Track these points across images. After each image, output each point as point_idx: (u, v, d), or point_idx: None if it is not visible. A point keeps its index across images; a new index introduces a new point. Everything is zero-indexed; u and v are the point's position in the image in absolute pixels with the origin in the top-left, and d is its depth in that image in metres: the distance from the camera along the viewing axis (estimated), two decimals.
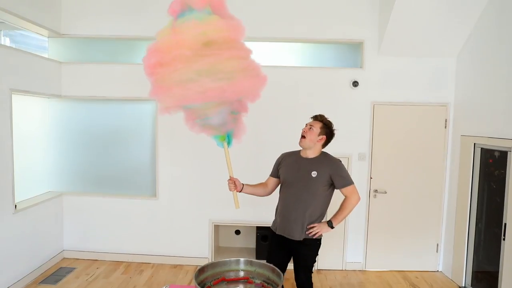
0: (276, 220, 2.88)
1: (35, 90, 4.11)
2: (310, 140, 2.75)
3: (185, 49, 2.05)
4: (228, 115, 2.31)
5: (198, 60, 2.06)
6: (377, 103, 4.44)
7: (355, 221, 4.55)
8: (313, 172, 2.71)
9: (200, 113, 2.26)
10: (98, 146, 4.73)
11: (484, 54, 3.89)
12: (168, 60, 2.09)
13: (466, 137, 4.11)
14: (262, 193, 2.97)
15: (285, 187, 2.84)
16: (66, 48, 4.74)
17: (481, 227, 3.99)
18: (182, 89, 2.09)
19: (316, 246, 2.82)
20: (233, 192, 2.67)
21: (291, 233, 2.76)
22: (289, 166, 2.84)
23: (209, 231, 4.62)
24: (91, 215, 4.69)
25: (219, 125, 2.33)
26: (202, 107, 2.20)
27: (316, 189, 2.72)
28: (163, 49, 2.13)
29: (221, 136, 2.43)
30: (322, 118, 2.82)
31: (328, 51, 4.67)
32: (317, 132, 2.75)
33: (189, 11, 2.13)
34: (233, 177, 2.70)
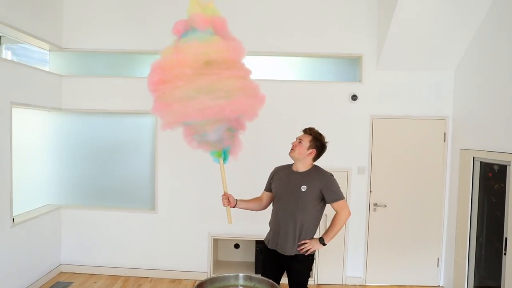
0: (269, 234, 2.87)
1: (35, 103, 4.13)
2: (299, 153, 2.73)
3: (186, 68, 2.11)
4: (225, 132, 2.35)
5: (198, 78, 2.12)
6: (376, 117, 4.45)
7: (355, 235, 4.52)
8: (302, 186, 2.69)
9: (198, 129, 2.30)
10: (98, 159, 4.73)
11: (482, 68, 3.92)
12: (170, 78, 2.15)
13: (465, 151, 4.12)
14: (256, 208, 2.96)
15: (276, 201, 2.82)
16: (67, 61, 4.78)
17: (482, 242, 3.96)
18: (182, 106, 2.14)
19: (309, 261, 2.78)
20: (227, 208, 2.69)
21: (283, 248, 2.73)
22: (281, 180, 2.84)
23: (208, 245, 4.58)
24: (89, 228, 4.66)
25: (216, 141, 2.36)
26: (200, 123, 2.24)
27: (306, 203, 2.69)
28: (165, 67, 2.19)
29: (217, 152, 2.47)
30: (312, 131, 2.79)
31: (327, 65, 4.71)
32: (306, 145, 2.73)
33: (192, 31, 2.20)
34: (227, 192, 2.71)
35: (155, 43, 4.44)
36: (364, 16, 4.44)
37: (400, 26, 3.93)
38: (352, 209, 4.46)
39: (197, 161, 4.50)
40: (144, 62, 4.74)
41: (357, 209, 4.50)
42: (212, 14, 2.24)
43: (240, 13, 4.35)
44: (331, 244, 4.45)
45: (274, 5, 4.44)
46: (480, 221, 3.98)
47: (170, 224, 4.60)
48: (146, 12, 4.53)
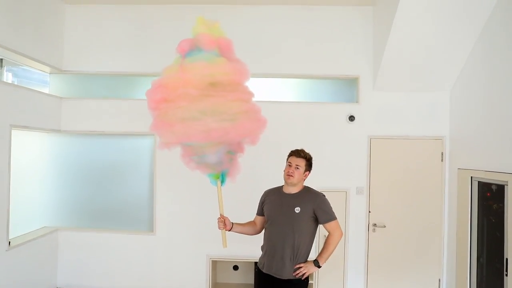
0: (263, 258, 2.82)
1: (35, 126, 4.14)
2: (298, 180, 2.72)
3: (191, 88, 2.11)
4: (224, 155, 2.35)
5: (202, 99, 2.12)
6: (374, 137, 4.48)
7: (355, 256, 4.48)
8: (296, 208, 2.67)
9: (197, 151, 2.29)
10: (96, 181, 4.72)
11: (476, 88, 3.97)
12: (173, 97, 2.15)
13: (463, 171, 4.13)
14: (251, 232, 2.93)
15: (269, 225, 2.78)
16: (67, 83, 4.83)
17: (483, 262, 3.93)
18: (185, 127, 2.13)
19: (304, 285, 2.74)
20: (222, 231, 2.68)
21: (278, 272, 2.68)
22: (273, 203, 2.80)
23: (207, 267, 4.53)
24: (87, 250, 4.61)
25: (215, 164, 2.36)
26: (200, 145, 2.23)
27: (301, 225, 2.67)
28: (169, 85, 2.18)
29: (215, 174, 2.46)
30: (305, 154, 2.77)
31: (324, 86, 4.77)
32: (303, 170, 2.73)
33: (198, 51, 2.21)
34: (224, 215, 2.70)
35: (153, 66, 4.52)
36: (360, 38, 4.52)
37: (395, 47, 4.00)
38: (351, 230, 4.47)
39: (195, 182, 4.48)
40: (142, 84, 4.79)
41: (356, 230, 4.47)
42: (219, 35, 2.25)
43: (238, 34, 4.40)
44: (331, 264, 4.42)
45: (272, 28, 4.53)
46: (480, 241, 3.96)
47: (168, 246, 4.55)
48: (145, 36, 4.61)
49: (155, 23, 4.61)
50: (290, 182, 2.73)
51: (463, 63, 4.15)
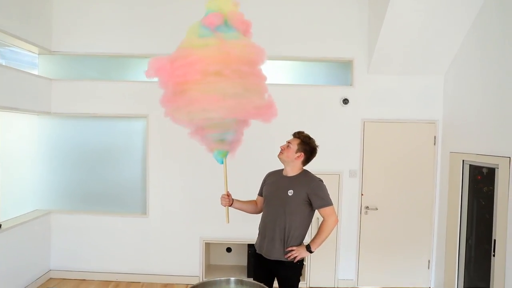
0: (257, 239, 2.87)
1: (24, 108, 4.07)
2: (286, 156, 2.69)
3: (241, 64, 2.10)
4: (241, 133, 2.40)
5: (248, 77, 2.14)
6: (367, 120, 4.49)
7: (347, 238, 4.54)
8: (289, 190, 2.65)
9: (222, 128, 2.27)
10: (88, 164, 4.69)
11: (470, 72, 3.98)
12: (228, 72, 2.08)
13: (454, 154, 4.17)
14: (251, 210, 2.95)
15: (265, 206, 2.81)
16: (56, 65, 4.73)
17: (472, 244, 4.01)
18: (239, 103, 2.12)
19: (297, 267, 2.73)
20: (226, 208, 2.69)
21: (268, 253, 2.70)
22: (270, 184, 2.83)
23: (200, 249, 4.56)
24: (80, 233, 4.61)
25: (233, 141, 2.38)
26: (229, 122, 2.24)
27: (293, 208, 2.65)
28: (218, 59, 2.09)
29: (224, 152, 2.44)
30: (300, 134, 2.75)
31: (318, 69, 4.74)
32: (294, 149, 2.69)
33: (226, 27, 2.19)
34: (229, 193, 2.71)
35: (146, 47, 4.45)
36: (355, 21, 4.47)
37: (390, 31, 3.97)
38: (344, 212, 4.52)
39: (189, 165, 4.49)
40: (135, 65, 4.73)
41: (349, 212, 4.52)
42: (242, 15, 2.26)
43: None
44: (323, 247, 4.46)
45: (265, 10, 4.46)
46: (469, 223, 4.03)
47: (161, 228, 4.57)
48: (137, 15, 4.51)
49: (148, 1, 4.50)
50: (279, 158, 2.75)
51: (457, 47, 4.14)
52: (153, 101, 4.40)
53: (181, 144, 4.44)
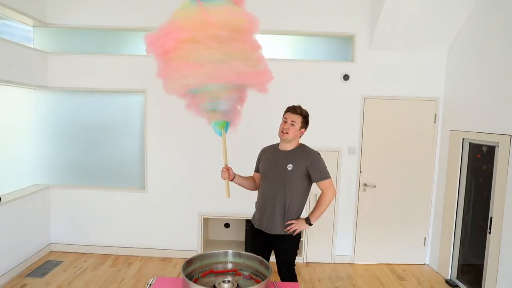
0: (255, 213, 2.88)
1: (20, 81, 4.01)
2: (293, 136, 2.70)
3: (220, 30, 2.06)
4: (235, 102, 2.34)
5: (229, 43, 2.09)
6: (368, 97, 4.44)
7: (344, 215, 4.57)
8: (288, 165, 2.67)
9: (212, 96, 2.24)
10: (86, 138, 4.66)
11: (474, 49, 3.91)
12: (202, 38, 2.06)
13: (455, 132, 4.14)
14: (251, 186, 2.95)
15: (263, 181, 2.82)
16: (52, 38, 4.64)
17: (468, 221, 4.04)
18: (214, 69, 2.09)
19: (295, 240, 2.78)
20: (226, 181, 2.65)
21: (269, 228, 2.73)
22: (267, 160, 2.82)
23: (198, 224, 4.60)
24: (79, 208, 4.64)
25: (226, 111, 2.33)
26: (217, 90, 2.20)
27: (292, 182, 2.67)
28: (193, 26, 2.08)
29: (223, 122, 2.41)
30: (301, 110, 2.74)
31: (319, 44, 4.66)
32: (299, 127, 2.71)
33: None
34: (228, 165, 2.67)
35: (144, 20, 4.35)
36: None
37: (393, 5, 3.87)
38: (342, 189, 4.53)
39: (187, 139, 4.48)
40: (132, 39, 4.64)
41: (347, 189, 4.53)
42: None
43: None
44: (321, 223, 4.52)
45: None
46: (467, 201, 4.05)
47: (160, 203, 4.59)
48: None
49: None
50: (284, 139, 2.72)
51: (461, 24, 4.05)
52: (151, 75, 4.35)
53: (180, 119, 4.41)
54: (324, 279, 4.15)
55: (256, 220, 2.84)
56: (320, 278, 4.18)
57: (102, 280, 3.94)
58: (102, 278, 3.99)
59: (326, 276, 4.23)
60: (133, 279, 3.99)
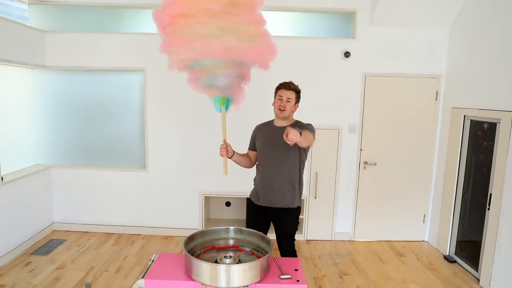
0: (257, 191, 2.88)
1: (17, 60, 3.96)
2: (289, 112, 2.76)
3: (212, 4, 2.01)
4: (235, 79, 2.29)
5: (223, 17, 2.04)
6: (369, 74, 4.39)
7: (345, 193, 4.60)
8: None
9: (208, 72, 2.21)
10: (86, 118, 4.64)
11: (477, 25, 3.84)
12: (193, 12, 2.03)
13: (456, 109, 4.12)
14: (247, 164, 2.95)
15: (263, 159, 2.84)
16: (48, 16, 4.56)
17: (467, 198, 4.06)
18: (205, 43, 2.06)
19: (296, 213, 2.87)
20: (224, 158, 2.63)
21: (276, 202, 2.79)
22: (265, 137, 2.84)
23: (200, 203, 4.63)
24: (80, 187, 4.66)
25: (224, 87, 2.30)
26: (214, 65, 2.17)
27: (294, 155, 2.74)
28: (187, 0, 2.05)
29: (222, 99, 2.38)
30: (295, 86, 2.78)
31: (319, 20, 4.57)
32: (294, 102, 2.76)
33: None
34: (227, 142, 2.65)
35: None
36: None
37: None
38: (342, 167, 4.56)
39: (188, 118, 4.46)
40: (131, 16, 4.56)
41: (347, 167, 4.54)
42: None
43: None
44: (321, 201, 4.55)
45: None
46: (466, 178, 4.06)
47: (161, 182, 4.62)
48: None
49: None
50: (282, 116, 2.75)
51: None
52: (150, 54, 4.32)
53: (180, 98, 4.38)
54: (324, 256, 4.21)
55: (259, 197, 2.85)
56: (321, 255, 4.24)
57: (105, 258, 4.00)
58: (105, 256, 4.04)
59: (326, 253, 4.29)
60: (136, 257, 4.05)
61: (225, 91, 2.33)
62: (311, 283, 3.56)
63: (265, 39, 2.22)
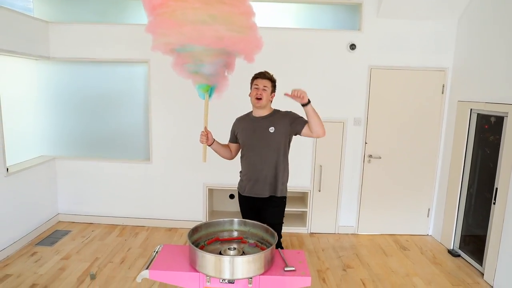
0: (243, 183, 2.90)
1: (21, 51, 3.96)
2: (266, 100, 2.73)
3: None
4: (220, 67, 2.30)
5: (215, 5, 2.04)
6: (375, 67, 4.35)
7: (349, 186, 4.59)
8: (270, 128, 2.71)
9: (196, 58, 2.21)
10: (90, 110, 4.65)
11: (485, 18, 3.78)
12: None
13: (462, 103, 4.08)
14: (226, 154, 2.97)
15: (247, 151, 2.84)
16: (52, 7, 4.55)
17: (473, 192, 4.03)
18: (196, 30, 2.05)
19: (283, 203, 2.86)
20: (204, 145, 2.67)
21: (263, 192, 2.79)
22: (245, 129, 2.84)
23: (203, 195, 4.64)
24: (85, 179, 4.68)
25: (210, 75, 2.30)
26: (201, 52, 2.16)
27: (278, 143, 2.73)
28: None
29: (206, 86, 2.39)
30: (270, 75, 2.78)
31: (325, 12, 4.52)
32: (270, 91, 2.75)
33: None
34: (208, 129, 2.70)
35: None
36: None
37: None
38: (347, 160, 4.54)
39: (192, 110, 4.44)
40: (135, 7, 4.53)
41: (352, 160, 4.52)
42: None
43: None
44: (325, 194, 4.54)
45: None
46: (472, 172, 4.03)
47: (165, 174, 4.62)
48: None
49: None
50: (259, 105, 2.74)
51: None
52: None
53: (184, 90, 4.35)
54: (327, 249, 4.21)
55: (246, 188, 2.86)
56: (324, 248, 4.24)
57: (109, 249, 4.02)
58: (110, 247, 4.07)
59: (330, 246, 4.29)
60: (140, 248, 4.07)
61: (210, 78, 2.34)
62: (314, 276, 3.56)
63: (253, 31, 2.23)
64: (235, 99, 3.50)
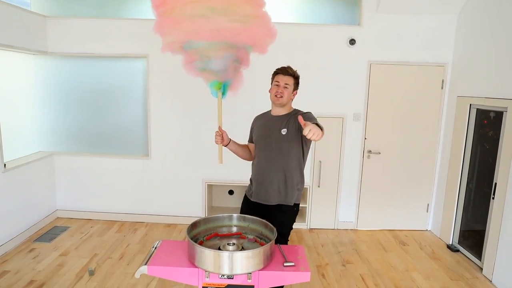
0: (252, 187, 2.67)
1: (18, 45, 3.93)
2: (287, 99, 2.51)
3: None
4: (231, 62, 2.17)
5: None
6: (374, 62, 4.33)
7: (348, 181, 4.58)
8: (283, 130, 2.47)
9: (202, 54, 2.12)
10: (88, 105, 4.62)
11: (485, 12, 3.76)
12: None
13: (462, 98, 4.07)
14: (244, 155, 2.75)
15: (257, 151, 2.62)
16: (50, 2, 4.51)
17: (472, 187, 4.03)
18: (194, 24, 1.98)
19: (293, 212, 2.59)
20: (219, 146, 2.51)
21: (267, 198, 2.55)
22: (260, 128, 2.64)
23: (203, 191, 4.63)
24: (84, 175, 4.66)
25: (220, 71, 2.19)
26: (207, 47, 2.08)
27: (290, 147, 2.48)
28: None
29: (218, 83, 2.28)
30: (293, 72, 2.54)
31: (324, 7, 4.50)
32: (292, 89, 2.52)
33: None
34: (222, 129, 2.53)
35: None
36: None
37: None
38: (346, 156, 4.53)
39: (191, 106, 4.43)
40: (134, 2, 4.50)
41: (351, 156, 4.52)
42: None
43: None
44: (324, 189, 4.53)
45: None
46: (471, 167, 4.02)
47: (164, 170, 4.61)
48: None
49: None
50: (279, 103, 2.51)
51: None
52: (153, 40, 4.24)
53: (183, 85, 4.34)
54: (327, 245, 4.21)
55: (253, 192, 2.63)
56: (324, 243, 4.24)
57: (108, 245, 4.01)
58: (109, 243, 4.06)
59: (329, 242, 4.29)
60: (139, 244, 4.06)
61: (221, 75, 2.21)
62: (314, 271, 3.56)
63: (261, 20, 2.10)
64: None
